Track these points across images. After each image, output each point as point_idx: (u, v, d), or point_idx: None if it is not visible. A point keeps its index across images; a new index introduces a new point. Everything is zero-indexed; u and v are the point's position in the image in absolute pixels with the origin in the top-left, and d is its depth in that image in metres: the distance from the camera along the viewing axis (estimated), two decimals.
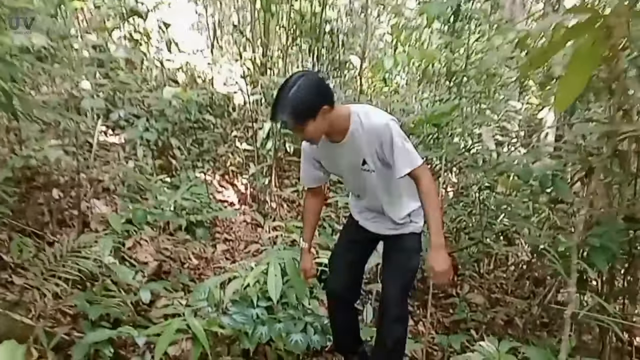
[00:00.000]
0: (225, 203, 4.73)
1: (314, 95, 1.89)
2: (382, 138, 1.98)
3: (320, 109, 1.89)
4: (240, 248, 4.02)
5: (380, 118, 2.00)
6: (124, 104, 4.86)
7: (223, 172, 5.32)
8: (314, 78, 1.93)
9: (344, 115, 2.02)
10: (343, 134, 2.04)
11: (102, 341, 2.17)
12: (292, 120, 1.88)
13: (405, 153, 1.98)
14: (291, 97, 1.85)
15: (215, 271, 3.50)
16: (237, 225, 4.40)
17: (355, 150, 2.06)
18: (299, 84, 1.86)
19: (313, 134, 1.96)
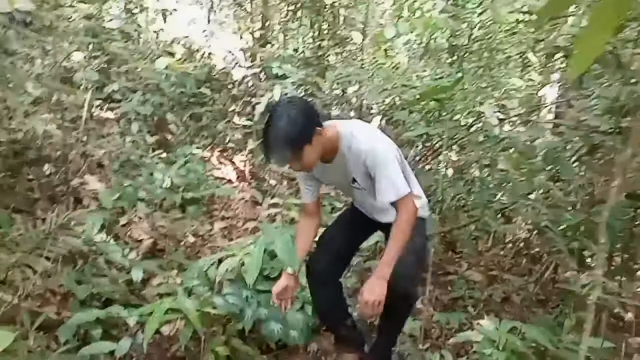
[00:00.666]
0: (224, 180, 4.57)
1: (305, 119, 1.83)
2: (367, 162, 1.92)
3: (314, 131, 1.84)
4: (238, 226, 3.88)
5: (366, 141, 1.92)
6: (119, 77, 4.66)
7: (222, 148, 5.16)
8: (299, 103, 1.90)
9: (333, 137, 1.96)
10: (332, 154, 1.99)
11: (91, 321, 2.03)
12: (289, 150, 1.81)
13: (390, 182, 1.90)
14: (284, 127, 1.79)
15: (212, 249, 3.37)
16: (235, 202, 4.25)
17: (345, 169, 2.02)
18: (287, 114, 1.80)
19: (311, 159, 1.89)
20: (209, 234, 3.61)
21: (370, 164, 1.91)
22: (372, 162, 1.90)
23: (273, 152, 1.84)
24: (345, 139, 1.95)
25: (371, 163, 1.90)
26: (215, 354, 2.20)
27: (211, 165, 4.77)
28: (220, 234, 3.68)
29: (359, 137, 1.93)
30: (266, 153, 1.86)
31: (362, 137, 1.94)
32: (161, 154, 4.09)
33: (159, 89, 4.65)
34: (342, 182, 2.14)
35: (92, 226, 2.34)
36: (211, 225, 3.76)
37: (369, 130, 2.03)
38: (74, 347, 2.04)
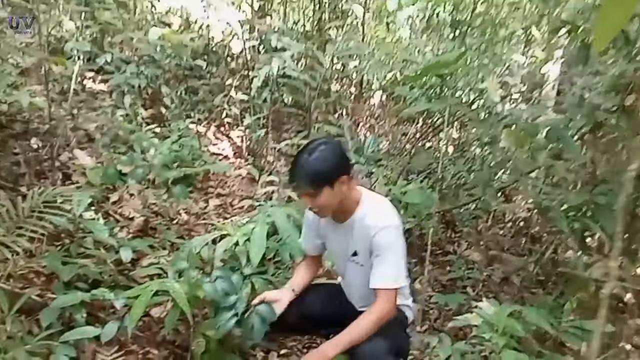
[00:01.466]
0: (220, 156, 4.39)
1: (335, 161, 1.79)
2: (375, 239, 1.82)
3: (339, 177, 1.78)
4: (234, 203, 3.72)
5: (383, 219, 1.84)
6: (112, 48, 4.43)
7: (218, 123, 4.96)
8: (336, 146, 1.84)
9: (355, 198, 1.90)
10: (347, 215, 1.91)
11: (76, 305, 1.89)
12: (309, 183, 1.77)
13: (391, 270, 1.82)
14: (312, 159, 1.76)
15: (206, 227, 3.22)
16: (231, 179, 4.08)
17: (351, 238, 1.93)
18: (321, 149, 1.78)
19: (325, 204, 1.81)
20: (203, 212, 3.46)
21: (377, 243, 1.82)
22: (381, 242, 1.82)
23: (295, 178, 1.80)
24: (364, 207, 1.89)
25: (379, 242, 1.82)
26: (206, 338, 2.07)
27: (207, 140, 4.58)
28: (215, 211, 3.52)
29: (377, 212, 1.86)
30: (290, 177, 1.83)
31: (380, 213, 1.86)
32: (155, 129, 3.89)
33: (153, 61, 4.42)
34: (341, 252, 2.02)
35: (78, 203, 2.17)
36: (206, 202, 3.61)
37: (390, 210, 1.91)
38: (58, 332, 1.91)
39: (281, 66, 3.99)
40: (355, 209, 1.89)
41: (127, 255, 2.30)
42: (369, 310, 1.82)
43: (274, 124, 5.32)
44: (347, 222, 1.91)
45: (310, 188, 1.76)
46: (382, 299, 1.81)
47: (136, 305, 1.80)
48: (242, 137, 4.70)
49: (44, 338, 1.82)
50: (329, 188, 1.77)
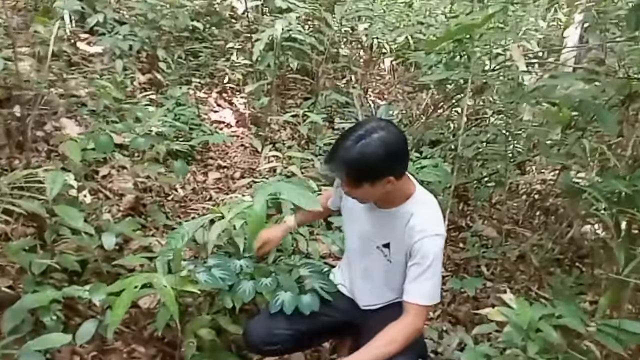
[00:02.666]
0: (221, 124, 4.04)
1: (385, 159, 1.43)
2: (418, 245, 1.53)
3: (384, 177, 1.46)
4: (235, 176, 3.39)
5: (433, 225, 1.54)
6: (105, 8, 4.01)
7: (220, 89, 4.57)
8: (394, 137, 1.44)
9: (404, 193, 1.59)
10: (389, 205, 1.60)
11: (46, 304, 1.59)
12: (345, 174, 1.48)
13: (429, 283, 1.53)
14: (358, 150, 1.41)
15: (205, 204, 2.90)
16: (233, 149, 3.74)
17: (387, 228, 1.62)
18: (374, 138, 1.41)
19: (363, 197, 1.56)
20: (202, 186, 3.14)
21: (420, 249, 1.52)
22: (425, 251, 1.52)
23: (331, 162, 1.48)
24: (414, 205, 1.58)
25: (423, 250, 1.52)
26: (197, 337, 1.79)
27: (208, 107, 4.22)
28: (215, 186, 3.20)
29: (428, 215, 1.56)
30: (327, 157, 1.51)
31: (431, 218, 1.56)
32: (151, 95, 3.52)
33: (150, 22, 4.01)
34: (369, 236, 1.68)
35: (52, 184, 1.85)
36: (205, 176, 3.28)
37: (440, 217, 1.60)
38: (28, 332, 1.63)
39: (286, 28, 3.58)
40: (402, 202, 1.58)
41: (111, 242, 1.99)
42: (399, 324, 1.52)
43: (279, 90, 4.92)
44: (389, 210, 1.60)
45: (347, 177, 1.48)
46: (415, 315, 1.52)
47: (117, 305, 1.50)
48: (246, 104, 4.33)
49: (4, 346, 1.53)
50: (369, 185, 1.46)
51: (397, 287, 1.67)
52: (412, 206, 1.57)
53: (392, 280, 1.67)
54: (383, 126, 1.44)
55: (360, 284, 1.78)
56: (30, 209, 1.81)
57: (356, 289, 1.80)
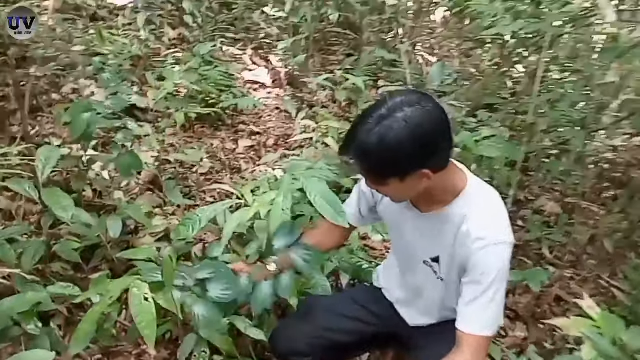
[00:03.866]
0: (256, 85, 3.64)
1: (412, 148, 1.00)
2: (475, 259, 1.11)
3: (416, 171, 1.03)
4: (269, 144, 3.03)
5: (496, 233, 1.11)
6: None
7: (256, 45, 4.15)
8: (426, 117, 1.00)
9: (453, 188, 1.15)
10: (434, 207, 1.18)
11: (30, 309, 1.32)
12: (365, 169, 1.07)
13: (488, 309, 1.13)
14: (377, 136, 0.99)
15: (232, 178, 2.56)
16: (267, 113, 3.36)
17: (436, 237, 1.20)
18: (397, 117, 0.99)
19: (391, 194, 1.15)
20: (230, 155, 2.80)
21: (481, 264, 1.11)
22: (487, 265, 1.11)
23: (348, 150, 1.06)
24: (468, 203, 1.14)
25: (485, 265, 1.11)
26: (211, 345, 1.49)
27: (242, 65, 3.82)
28: (245, 155, 2.85)
29: (488, 217, 1.13)
30: (342, 147, 1.09)
31: (492, 220, 1.13)
32: (177, 53, 3.16)
33: None
34: (413, 249, 1.28)
35: (44, 163, 1.55)
36: (235, 143, 2.93)
37: (505, 216, 1.15)
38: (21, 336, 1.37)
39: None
40: (450, 200, 1.16)
41: (117, 229, 1.69)
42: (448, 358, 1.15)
43: (319, 46, 4.44)
44: (435, 214, 1.19)
45: (366, 172, 1.10)
46: (474, 351, 1.13)
47: (85, 321, 1.19)
48: (283, 62, 3.89)
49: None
50: (398, 181, 1.06)
51: (453, 307, 1.29)
52: (465, 206, 1.14)
53: (449, 300, 1.28)
54: (413, 101, 1.00)
55: (409, 301, 1.40)
56: (20, 191, 1.52)
57: (404, 305, 1.42)
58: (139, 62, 3.09)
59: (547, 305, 2.66)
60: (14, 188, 1.52)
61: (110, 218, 1.71)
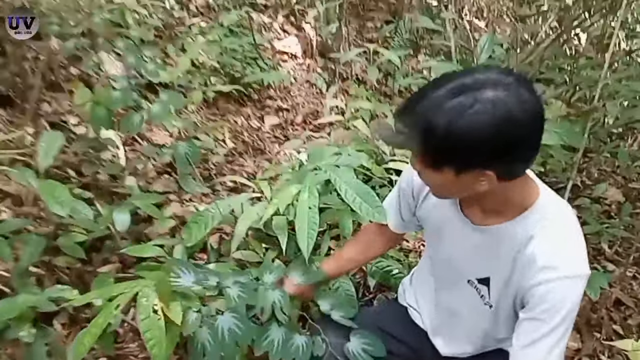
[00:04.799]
0: (285, 55, 3.41)
1: (494, 142, 0.77)
2: (543, 288, 0.90)
3: (478, 169, 0.82)
4: (297, 121, 2.83)
5: (573, 263, 0.90)
6: None
7: (288, 11, 3.88)
8: (524, 110, 0.76)
9: (517, 204, 0.93)
10: (491, 219, 0.97)
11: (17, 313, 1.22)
12: (423, 143, 0.82)
13: (546, 352, 0.90)
14: (453, 111, 0.76)
15: (256, 160, 2.40)
16: (297, 87, 3.15)
17: (490, 256, 0.98)
18: (486, 97, 0.75)
19: (435, 186, 0.95)
20: (256, 134, 2.62)
21: (546, 299, 0.90)
22: (555, 302, 0.89)
23: (406, 118, 0.83)
24: (537, 221, 0.92)
25: (551, 301, 0.90)
26: None
27: (273, 34, 3.59)
28: (271, 134, 2.67)
29: (560, 243, 0.91)
30: (401, 108, 0.86)
31: (565, 247, 0.91)
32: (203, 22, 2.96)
33: None
34: (457, 263, 1.07)
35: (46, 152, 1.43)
36: (260, 121, 2.75)
37: (582, 243, 0.93)
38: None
39: None
40: (514, 215, 0.94)
41: (124, 222, 1.56)
42: None
43: (356, 12, 4.13)
44: (491, 228, 0.97)
45: (420, 151, 0.85)
46: None
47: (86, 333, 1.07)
48: (315, 30, 3.63)
49: None
50: (452, 173, 0.84)
51: (500, 338, 1.09)
52: (533, 225, 0.92)
53: (496, 331, 1.08)
54: (508, 82, 0.76)
55: (442, 326, 1.20)
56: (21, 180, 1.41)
57: (435, 330, 1.22)
58: (163, 33, 2.92)
59: (605, 310, 2.37)
60: (15, 177, 1.40)
61: (117, 209, 1.58)
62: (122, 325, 1.61)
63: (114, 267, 1.72)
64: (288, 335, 1.16)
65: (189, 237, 1.45)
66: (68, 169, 1.99)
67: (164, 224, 1.60)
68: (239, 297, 1.16)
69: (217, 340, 1.08)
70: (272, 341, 1.15)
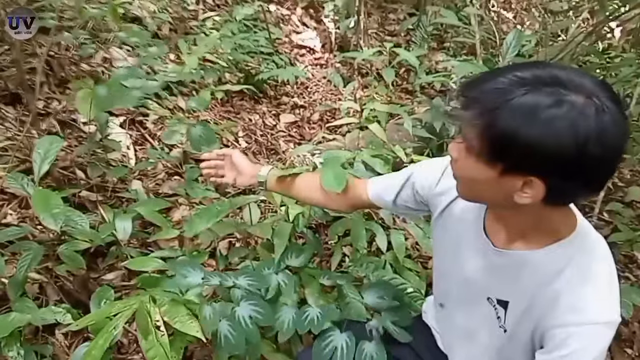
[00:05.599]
0: (303, 50, 3.30)
1: (566, 153, 0.65)
2: (564, 331, 0.78)
3: (531, 175, 0.69)
4: (313, 119, 2.73)
5: (596, 305, 0.78)
6: None
7: (306, 3, 3.76)
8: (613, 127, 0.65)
9: (551, 231, 0.81)
10: (519, 245, 0.85)
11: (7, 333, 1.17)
12: (485, 127, 0.69)
13: None
14: (532, 106, 0.65)
15: (270, 160, 2.31)
16: (314, 82, 3.04)
17: (511, 282, 0.87)
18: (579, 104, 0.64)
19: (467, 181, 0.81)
20: (270, 133, 2.53)
21: (565, 340, 0.79)
22: (576, 346, 0.78)
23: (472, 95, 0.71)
24: (571, 255, 0.81)
25: (571, 343, 0.78)
26: None
27: (291, 27, 3.48)
28: (286, 133, 2.58)
29: (593, 282, 0.80)
30: (463, 88, 0.73)
31: (598, 288, 0.80)
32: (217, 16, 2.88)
33: None
34: (472, 280, 0.95)
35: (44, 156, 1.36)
36: (276, 119, 2.66)
37: (615, 288, 0.81)
38: None
39: None
40: (543, 244, 0.82)
41: (126, 231, 1.50)
42: None
43: (376, 3, 3.98)
44: (512, 253, 0.86)
45: (473, 135, 0.72)
46: None
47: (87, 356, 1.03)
48: (335, 23, 3.50)
49: None
50: (498, 170, 0.72)
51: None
52: (564, 258, 0.80)
53: (509, 354, 0.97)
54: (603, 96, 0.65)
55: (457, 347, 1.10)
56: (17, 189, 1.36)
57: (451, 350, 1.12)
58: (177, 26, 2.85)
59: (638, 324, 2.23)
60: (10, 185, 1.35)
61: (119, 217, 1.51)
62: (127, 335, 1.57)
63: (119, 275, 1.68)
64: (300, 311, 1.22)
65: (190, 229, 1.36)
66: (76, 169, 1.95)
67: (168, 233, 1.52)
68: (249, 284, 1.21)
69: (239, 329, 1.11)
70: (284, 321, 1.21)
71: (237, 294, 1.20)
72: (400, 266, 1.66)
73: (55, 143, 1.42)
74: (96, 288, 1.44)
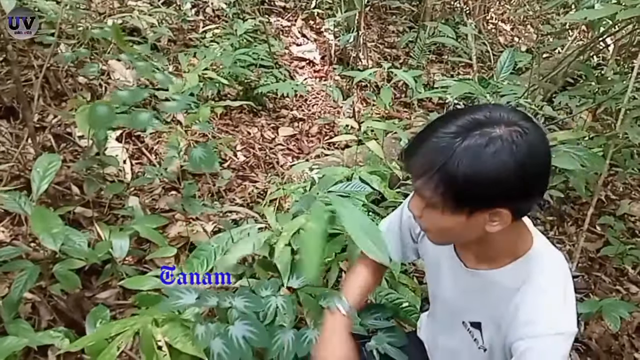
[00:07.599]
0: (303, 62, 3.29)
1: (509, 179, 0.73)
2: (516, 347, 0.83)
3: (495, 207, 0.76)
4: (312, 132, 2.72)
5: (550, 316, 0.82)
6: None
7: (307, 15, 3.76)
8: (538, 146, 0.74)
9: (511, 249, 0.87)
10: (485, 265, 0.91)
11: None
12: (431, 187, 0.76)
13: None
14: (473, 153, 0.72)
15: (267, 174, 2.29)
16: (313, 95, 3.03)
17: (479, 302, 0.94)
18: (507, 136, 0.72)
19: (436, 229, 0.86)
20: (268, 146, 2.51)
21: (524, 354, 0.82)
22: (528, 358, 0.81)
23: (412, 163, 0.80)
24: (529, 271, 0.87)
25: (528, 356, 0.82)
26: None
27: (291, 39, 3.48)
28: (284, 146, 2.56)
29: (547, 294, 0.84)
30: (407, 152, 0.81)
31: (551, 299, 0.84)
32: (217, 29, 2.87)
33: None
34: (452, 305, 1.02)
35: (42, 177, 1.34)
36: (275, 132, 2.64)
37: (569, 299, 0.86)
38: None
39: None
40: (506, 263, 0.88)
41: (123, 249, 1.47)
42: None
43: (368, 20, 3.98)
44: (481, 273, 0.92)
45: (431, 195, 0.78)
46: None
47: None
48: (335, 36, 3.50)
49: None
50: (465, 215, 0.78)
51: None
52: (522, 274, 0.86)
53: None
54: (519, 121, 0.74)
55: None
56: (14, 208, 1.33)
57: None
58: (177, 37, 2.84)
59: (627, 337, 2.24)
60: (6, 205, 1.33)
61: (115, 235, 1.49)
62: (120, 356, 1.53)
63: (114, 293, 1.65)
64: (298, 333, 1.17)
65: (194, 263, 1.35)
66: (71, 185, 1.93)
67: (165, 252, 1.50)
68: (245, 306, 1.17)
69: (232, 348, 1.07)
70: (282, 343, 1.15)
71: (233, 314, 1.19)
72: (395, 282, 1.65)
73: (53, 162, 1.40)
74: (90, 307, 1.42)
